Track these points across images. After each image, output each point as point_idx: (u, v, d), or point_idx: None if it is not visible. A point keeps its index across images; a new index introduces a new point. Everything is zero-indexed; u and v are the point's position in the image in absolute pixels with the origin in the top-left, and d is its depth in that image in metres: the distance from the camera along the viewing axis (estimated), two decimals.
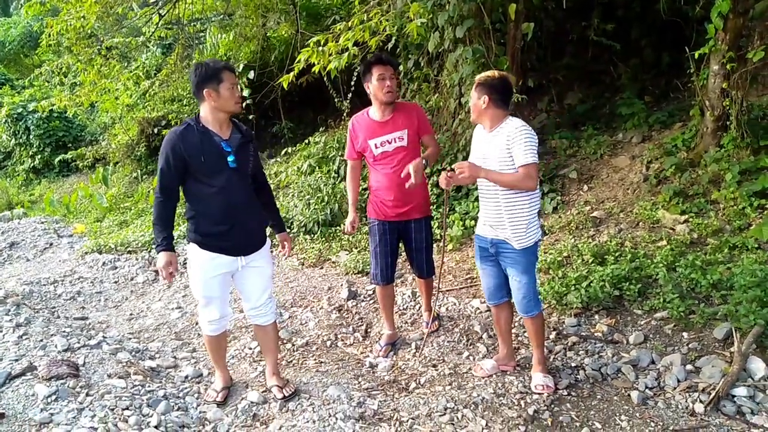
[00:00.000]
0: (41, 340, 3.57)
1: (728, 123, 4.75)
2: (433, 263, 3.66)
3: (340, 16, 8.49)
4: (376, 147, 3.37)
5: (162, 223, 2.80)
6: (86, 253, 7.10)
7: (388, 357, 3.63)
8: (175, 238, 3.04)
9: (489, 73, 2.94)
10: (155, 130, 11.64)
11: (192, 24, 9.25)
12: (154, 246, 2.86)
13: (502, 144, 2.82)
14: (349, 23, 4.24)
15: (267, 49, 9.25)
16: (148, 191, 10.16)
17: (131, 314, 4.86)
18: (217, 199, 2.76)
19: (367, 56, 3.71)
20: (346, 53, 4.05)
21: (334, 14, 8.60)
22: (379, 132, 3.35)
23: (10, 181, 15.02)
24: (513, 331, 3.52)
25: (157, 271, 6.04)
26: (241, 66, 9.29)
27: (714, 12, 4.48)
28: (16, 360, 3.24)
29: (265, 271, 3.04)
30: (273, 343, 3.19)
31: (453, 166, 2.82)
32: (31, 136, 14.63)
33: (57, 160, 14.26)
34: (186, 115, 10.90)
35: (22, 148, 15.14)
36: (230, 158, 2.77)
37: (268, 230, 3.18)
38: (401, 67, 6.86)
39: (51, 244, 8.14)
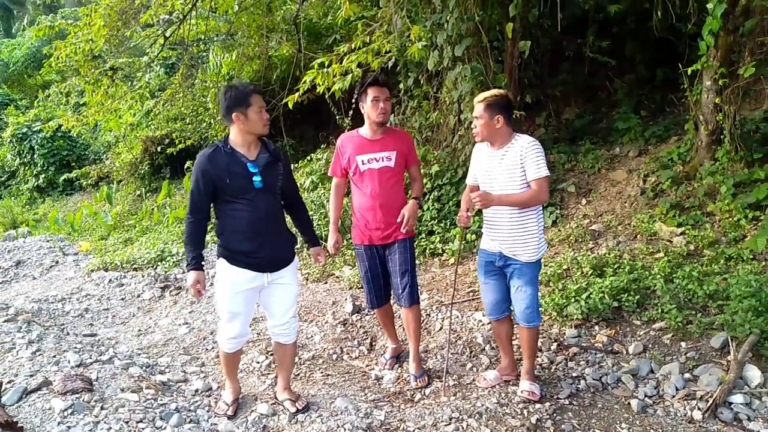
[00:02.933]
0: (54, 356, 3.64)
1: (722, 137, 4.86)
2: (417, 290, 3.52)
3: (340, 35, 8.69)
4: (363, 163, 3.36)
5: (192, 243, 2.89)
6: (92, 270, 7.20)
7: (393, 369, 3.71)
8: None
9: (495, 92, 3.01)
10: (159, 149, 11.82)
11: (195, 44, 9.44)
12: (185, 264, 2.97)
13: (515, 160, 2.92)
14: (352, 45, 4.38)
15: (269, 68, 9.43)
16: (152, 209, 10.28)
17: (139, 330, 4.94)
18: (245, 217, 2.85)
19: (367, 76, 3.81)
20: (350, 75, 4.17)
21: (335, 33, 8.78)
22: (368, 149, 3.36)
23: (15, 200, 15.16)
24: (513, 342, 3.60)
25: (163, 288, 6.16)
26: None
27: (705, 29, 4.63)
28: (31, 375, 3.31)
29: (291, 288, 3.09)
30: (290, 361, 3.28)
31: (472, 196, 2.91)
32: (35, 156, 14.80)
33: (62, 179, 14.40)
34: (188, 134, 11.09)
35: (27, 168, 15.30)
36: (256, 178, 2.84)
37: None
38: (401, 85, 7.01)
39: (57, 262, 8.23)
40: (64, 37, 9.77)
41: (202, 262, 2.92)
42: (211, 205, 2.92)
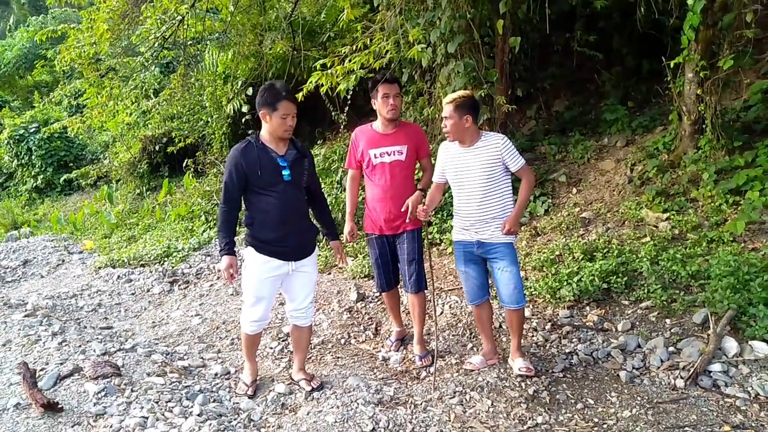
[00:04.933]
0: (80, 346, 3.87)
1: (704, 126, 5.11)
2: (425, 277, 3.72)
3: (334, 33, 8.88)
4: (375, 157, 3.56)
5: (225, 230, 3.10)
6: (100, 267, 7.40)
7: (398, 351, 3.95)
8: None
9: (461, 93, 3.27)
10: (157, 148, 11.98)
11: (192, 44, 9.59)
12: (218, 250, 3.21)
13: (491, 156, 3.20)
14: (354, 47, 4.58)
15: (265, 65, 9.62)
16: (153, 207, 10.47)
17: (153, 322, 5.16)
18: (274, 208, 3.06)
19: (370, 76, 4.00)
20: (353, 75, 4.39)
21: (329, 31, 8.97)
22: (380, 143, 3.56)
23: (14, 201, 15.28)
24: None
25: (171, 282, 6.38)
26: (240, 83, 9.66)
27: (686, 24, 4.86)
28: (61, 363, 3.54)
29: (312, 276, 3.33)
30: (306, 343, 3.52)
31: (507, 230, 3.20)
32: (33, 157, 14.91)
33: (61, 179, 14.53)
34: (186, 132, 11.27)
35: (24, 169, 15.42)
36: (285, 172, 3.06)
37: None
38: None
39: (63, 261, 8.42)
40: (58, 40, 9.92)
41: (235, 248, 3.12)
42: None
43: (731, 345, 3.31)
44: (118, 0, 6.26)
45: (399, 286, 3.92)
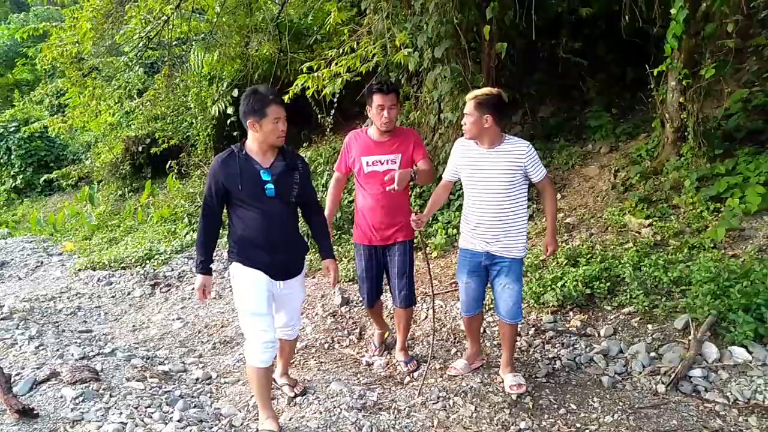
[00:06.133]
0: (57, 350, 3.80)
1: (686, 134, 5.18)
2: (414, 292, 3.62)
3: (321, 35, 8.87)
4: (368, 165, 3.39)
5: (203, 247, 2.90)
6: (80, 270, 7.29)
7: (382, 356, 3.94)
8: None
9: (486, 90, 3.00)
10: (140, 149, 11.85)
11: (177, 45, 9.52)
12: (194, 266, 3.02)
13: (513, 162, 2.99)
14: (341, 50, 4.58)
15: (251, 67, 9.57)
16: (135, 208, 10.34)
17: (134, 326, 5.09)
18: (257, 225, 2.83)
19: (357, 79, 3.95)
20: (340, 79, 4.38)
21: (315, 34, 8.96)
22: (374, 151, 3.39)
23: None
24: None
25: (153, 285, 6.30)
26: (225, 84, 9.60)
27: (670, 33, 4.92)
28: (38, 368, 3.47)
29: (299, 296, 3.13)
30: (291, 351, 3.41)
31: (546, 253, 3.22)
32: (12, 156, 14.68)
33: (41, 179, 14.31)
34: (170, 133, 11.16)
35: (3, 169, 15.16)
36: (268, 186, 2.79)
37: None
38: None
39: (42, 263, 8.28)
40: (40, 38, 9.77)
41: (211, 266, 2.92)
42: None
43: (711, 351, 3.34)
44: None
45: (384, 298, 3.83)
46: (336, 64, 4.45)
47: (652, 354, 3.47)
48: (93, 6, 6.27)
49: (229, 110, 9.23)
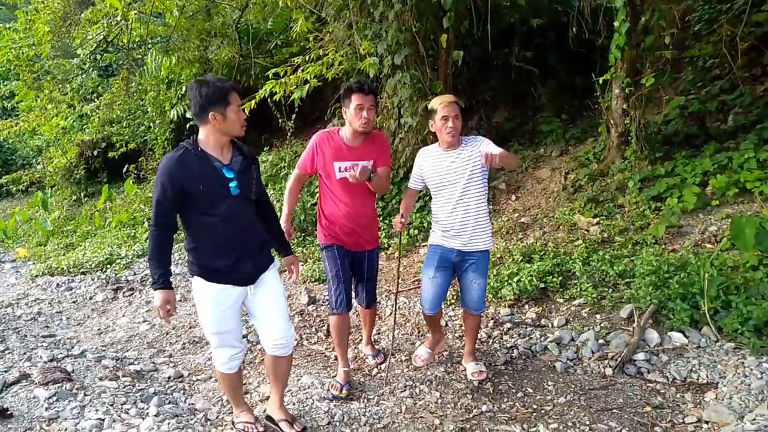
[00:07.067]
0: (25, 353, 3.80)
1: (630, 138, 5.55)
2: (376, 292, 3.68)
3: (281, 40, 8.97)
4: (340, 171, 3.26)
5: (158, 259, 2.56)
6: (37, 275, 7.17)
7: (350, 349, 4.07)
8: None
9: (451, 97, 3.19)
10: (95, 153, 11.64)
11: (134, 48, 9.43)
12: (150, 283, 2.66)
13: (474, 157, 3.11)
14: (307, 57, 4.72)
15: (209, 71, 9.55)
16: (92, 213, 10.16)
17: (99, 330, 5.08)
18: (220, 229, 2.57)
19: (318, 84, 4.00)
20: (307, 85, 4.52)
21: (276, 39, 9.04)
22: (347, 156, 3.26)
23: None
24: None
25: (115, 290, 6.26)
26: (184, 88, 9.56)
27: (613, 44, 5.29)
28: (6, 371, 3.48)
29: (278, 287, 2.83)
30: (286, 374, 3.00)
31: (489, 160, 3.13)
32: None
33: None
34: (127, 137, 11.01)
35: None
36: (232, 184, 2.56)
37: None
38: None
39: None
40: None
41: (170, 279, 2.59)
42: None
43: (653, 336, 3.65)
44: (60, 1, 6.12)
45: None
46: (302, 70, 4.59)
47: (601, 341, 3.76)
48: (50, 8, 6.20)
49: (188, 114, 9.20)
